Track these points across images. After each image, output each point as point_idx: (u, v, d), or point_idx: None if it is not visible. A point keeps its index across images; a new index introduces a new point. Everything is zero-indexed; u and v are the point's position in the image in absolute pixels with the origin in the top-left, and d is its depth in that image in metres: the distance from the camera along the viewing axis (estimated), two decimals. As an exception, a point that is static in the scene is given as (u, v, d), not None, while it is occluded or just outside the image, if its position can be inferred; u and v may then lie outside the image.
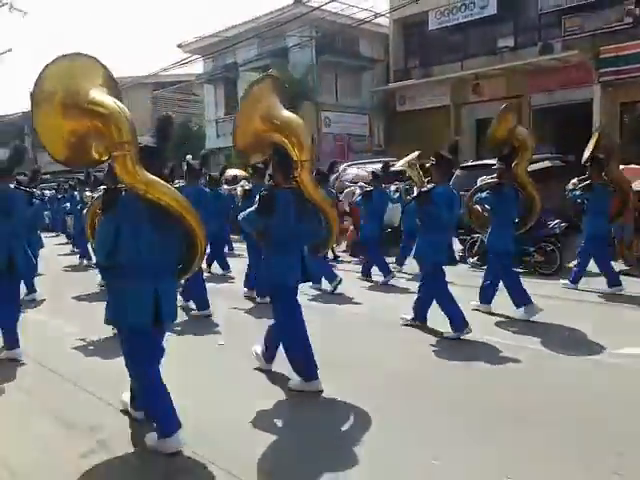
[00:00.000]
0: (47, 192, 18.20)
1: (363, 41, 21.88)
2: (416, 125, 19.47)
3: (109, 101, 3.37)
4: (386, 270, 8.78)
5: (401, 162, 8.01)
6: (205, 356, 5.42)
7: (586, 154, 7.90)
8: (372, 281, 8.96)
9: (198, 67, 24.97)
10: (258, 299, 7.54)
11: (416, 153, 7.55)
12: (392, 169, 9.79)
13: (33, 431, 3.83)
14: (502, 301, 6.52)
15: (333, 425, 3.84)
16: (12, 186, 5.69)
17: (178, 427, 3.45)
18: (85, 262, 11.59)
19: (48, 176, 28.24)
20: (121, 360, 3.63)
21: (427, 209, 5.82)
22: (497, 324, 6.27)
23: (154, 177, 3.40)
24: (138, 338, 3.50)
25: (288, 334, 4.48)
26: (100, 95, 3.39)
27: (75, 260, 12.06)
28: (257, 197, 4.36)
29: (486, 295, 6.62)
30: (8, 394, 4.54)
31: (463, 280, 7.88)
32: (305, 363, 4.38)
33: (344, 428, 3.81)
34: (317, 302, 7.55)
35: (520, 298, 6.35)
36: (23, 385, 4.69)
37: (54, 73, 3.42)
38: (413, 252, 6.44)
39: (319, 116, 20.21)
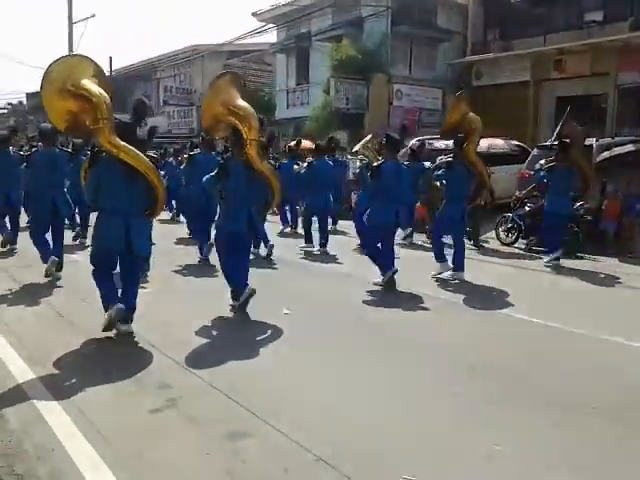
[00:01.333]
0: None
1: (441, 12, 21.15)
2: (492, 101, 18.76)
3: (95, 89, 4.71)
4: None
5: (358, 145, 9.34)
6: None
7: (553, 138, 8.80)
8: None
9: (272, 36, 24.95)
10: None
11: (369, 136, 9.12)
12: (353, 150, 11.37)
13: (109, 386, 3.99)
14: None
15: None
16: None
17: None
18: None
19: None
20: (191, 320, 3.73)
21: (376, 181, 6.99)
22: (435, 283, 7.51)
23: (125, 144, 4.71)
24: (105, 260, 4.97)
25: (227, 270, 5.88)
26: (89, 84, 4.74)
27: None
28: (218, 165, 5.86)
29: (444, 258, 7.72)
30: (83, 352, 4.76)
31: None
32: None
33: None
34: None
35: (440, 255, 7.66)
36: (99, 343, 4.90)
37: (57, 68, 4.80)
38: (366, 217, 7.64)
39: (391, 88, 19.80)
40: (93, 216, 5.35)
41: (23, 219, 9.41)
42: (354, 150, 10.65)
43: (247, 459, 3.05)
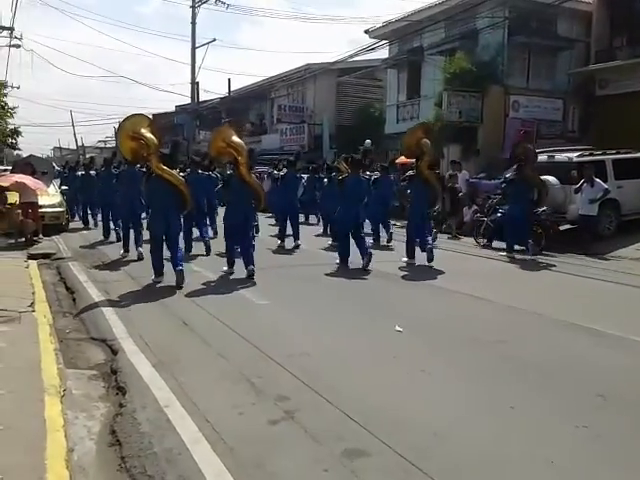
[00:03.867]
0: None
1: (561, 20, 20.16)
2: (618, 111, 17.57)
3: (148, 135, 7.89)
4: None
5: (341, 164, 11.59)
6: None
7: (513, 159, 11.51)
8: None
9: (383, 53, 24.99)
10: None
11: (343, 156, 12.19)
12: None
13: (231, 396, 4.12)
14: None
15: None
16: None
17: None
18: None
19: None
20: (306, 332, 3.75)
21: (342, 190, 9.68)
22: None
23: (166, 167, 7.93)
24: (157, 242, 8.07)
25: (229, 248, 8.88)
26: (145, 132, 7.94)
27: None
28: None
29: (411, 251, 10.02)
30: (209, 356, 4.96)
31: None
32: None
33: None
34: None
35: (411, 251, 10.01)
36: (220, 348, 5.08)
37: (126, 122, 8.22)
38: (335, 215, 10.32)
39: (507, 100, 19.10)
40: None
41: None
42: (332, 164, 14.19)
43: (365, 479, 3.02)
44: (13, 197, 12.25)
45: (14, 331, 5.43)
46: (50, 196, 13.80)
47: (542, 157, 13.68)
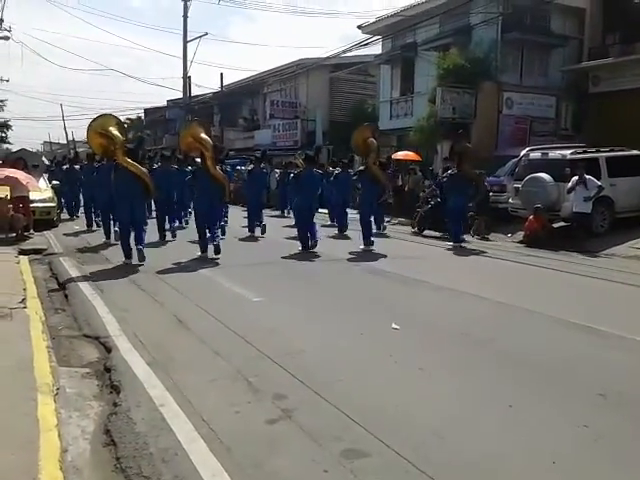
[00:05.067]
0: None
1: (555, 17, 20.14)
2: (611, 108, 17.62)
3: (114, 132, 9.08)
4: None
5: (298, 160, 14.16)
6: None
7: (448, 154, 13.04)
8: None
9: (377, 48, 24.91)
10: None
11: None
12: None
13: (228, 394, 4.06)
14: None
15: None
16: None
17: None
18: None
19: (233, 152, 30.34)
20: (302, 329, 3.71)
21: (297, 184, 10.99)
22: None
23: (130, 160, 8.95)
24: (124, 226, 9.29)
25: (199, 229, 9.94)
26: (113, 129, 9.14)
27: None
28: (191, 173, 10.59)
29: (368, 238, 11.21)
30: (204, 354, 4.90)
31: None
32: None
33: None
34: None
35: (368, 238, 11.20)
36: (215, 346, 5.02)
37: (95, 121, 9.38)
38: (293, 205, 12.13)
39: (500, 96, 19.09)
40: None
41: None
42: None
43: None
44: (4, 191, 12.09)
45: (5, 328, 5.34)
46: (41, 191, 13.65)
47: (536, 154, 13.74)
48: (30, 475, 2.87)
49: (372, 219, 11.84)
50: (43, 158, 25.37)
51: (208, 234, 9.73)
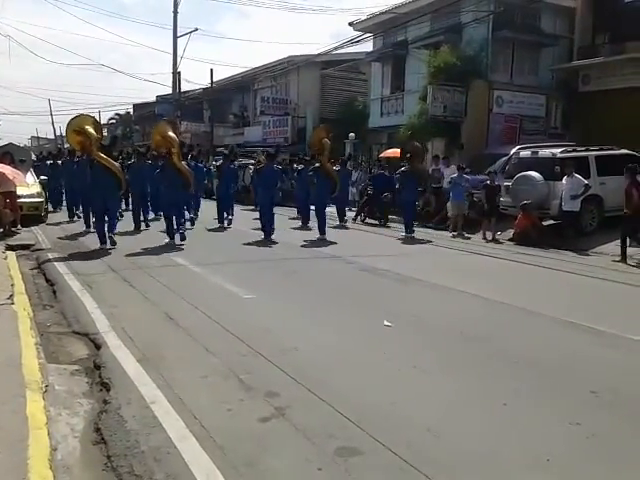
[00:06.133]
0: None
1: (545, 16, 20.22)
2: (601, 107, 17.72)
3: (90, 130, 10.13)
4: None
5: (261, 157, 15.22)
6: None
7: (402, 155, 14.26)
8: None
9: (368, 46, 24.88)
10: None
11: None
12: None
13: (220, 392, 4.02)
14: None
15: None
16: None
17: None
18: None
19: (222, 148, 30.23)
20: (293, 327, 3.67)
21: (259, 178, 12.62)
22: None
23: (104, 155, 10.14)
24: (98, 214, 10.40)
25: (167, 221, 11.00)
26: (89, 128, 10.19)
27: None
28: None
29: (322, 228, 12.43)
30: (195, 351, 4.85)
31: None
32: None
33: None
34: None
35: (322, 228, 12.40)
36: (206, 343, 4.97)
37: (74, 120, 10.53)
38: (256, 199, 13.69)
39: (491, 95, 19.13)
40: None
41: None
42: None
43: (359, 478, 2.96)
44: (-10, 187, 11.94)
45: (-7, 324, 5.26)
46: (29, 186, 13.50)
47: (526, 153, 13.77)
48: (19, 474, 2.82)
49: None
50: (31, 152, 25.08)
51: (175, 223, 10.87)
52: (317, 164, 13.09)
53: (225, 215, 14.22)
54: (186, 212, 12.40)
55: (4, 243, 10.28)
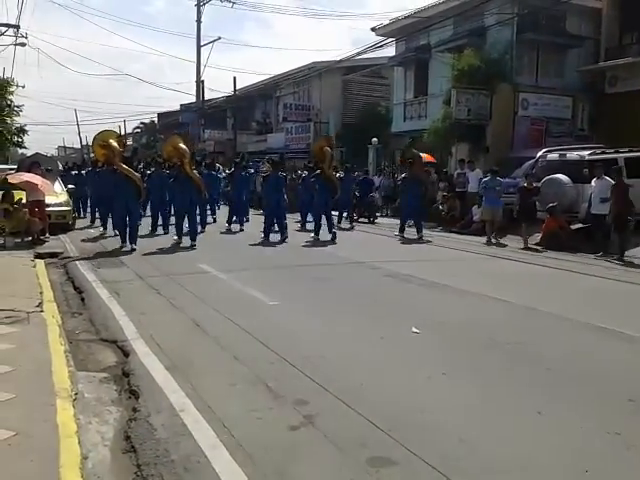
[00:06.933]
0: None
1: (571, 17, 19.95)
2: (628, 109, 17.38)
3: (114, 144, 11.44)
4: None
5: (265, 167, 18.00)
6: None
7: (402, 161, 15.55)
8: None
9: (390, 50, 24.81)
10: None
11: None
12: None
13: (248, 400, 3.99)
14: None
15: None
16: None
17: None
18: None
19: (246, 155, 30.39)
20: (320, 333, 3.62)
21: (265, 184, 13.79)
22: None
23: (125, 166, 11.37)
24: (119, 222, 11.72)
25: (177, 224, 12.28)
26: (112, 142, 11.52)
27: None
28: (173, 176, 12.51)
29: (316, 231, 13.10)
30: (223, 359, 4.83)
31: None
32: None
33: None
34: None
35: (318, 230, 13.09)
36: (234, 351, 4.95)
37: (99, 134, 12.15)
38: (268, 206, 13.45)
39: (516, 98, 18.91)
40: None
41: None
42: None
43: (393, 489, 2.90)
44: (19, 196, 12.15)
45: (23, 332, 5.32)
46: (57, 195, 13.70)
47: (553, 155, 13.56)
48: (51, 483, 2.82)
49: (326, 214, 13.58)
50: (58, 162, 25.52)
51: (186, 226, 11.99)
52: (318, 171, 13.70)
53: (234, 218, 15.02)
54: (199, 216, 13.36)
55: (33, 251, 10.44)
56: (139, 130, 54.20)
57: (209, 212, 16.12)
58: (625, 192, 10.76)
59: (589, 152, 12.87)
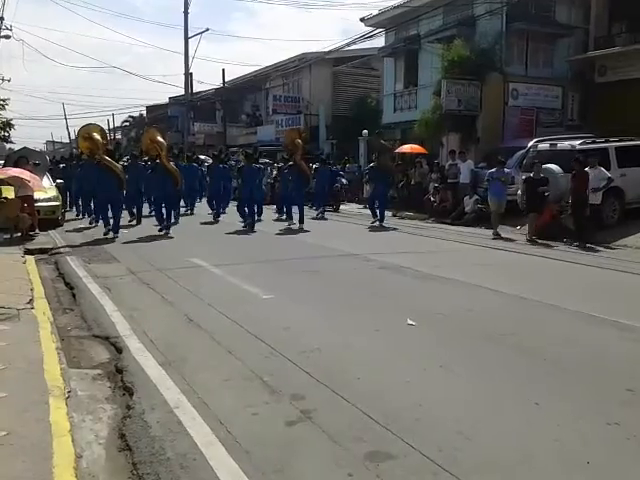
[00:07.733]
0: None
1: (560, 6, 19.90)
2: (618, 98, 17.40)
3: (97, 137, 12.27)
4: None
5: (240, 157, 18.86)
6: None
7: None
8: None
9: (380, 41, 24.69)
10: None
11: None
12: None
13: (244, 395, 3.94)
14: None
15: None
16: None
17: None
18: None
19: (235, 148, 30.24)
20: (316, 327, 3.58)
21: (241, 175, 14.50)
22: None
23: (108, 158, 12.22)
24: (103, 209, 12.70)
25: (156, 212, 13.32)
26: (96, 135, 12.34)
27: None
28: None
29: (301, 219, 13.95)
30: (217, 354, 4.78)
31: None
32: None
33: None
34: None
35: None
36: (228, 345, 4.90)
37: (82, 128, 12.95)
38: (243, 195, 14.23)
39: (506, 88, 18.87)
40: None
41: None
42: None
43: (393, 483, 2.87)
44: (8, 191, 11.99)
45: (14, 329, 5.24)
46: (45, 190, 13.55)
47: (544, 145, 13.56)
48: (45, 483, 2.76)
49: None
50: (46, 156, 25.28)
51: (165, 216, 12.77)
52: (291, 162, 14.46)
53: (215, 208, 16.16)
54: (173, 209, 13.57)
55: (23, 247, 10.31)
56: (127, 124, 53.79)
57: (186, 204, 17.23)
58: (586, 181, 11.27)
59: (580, 142, 12.88)
